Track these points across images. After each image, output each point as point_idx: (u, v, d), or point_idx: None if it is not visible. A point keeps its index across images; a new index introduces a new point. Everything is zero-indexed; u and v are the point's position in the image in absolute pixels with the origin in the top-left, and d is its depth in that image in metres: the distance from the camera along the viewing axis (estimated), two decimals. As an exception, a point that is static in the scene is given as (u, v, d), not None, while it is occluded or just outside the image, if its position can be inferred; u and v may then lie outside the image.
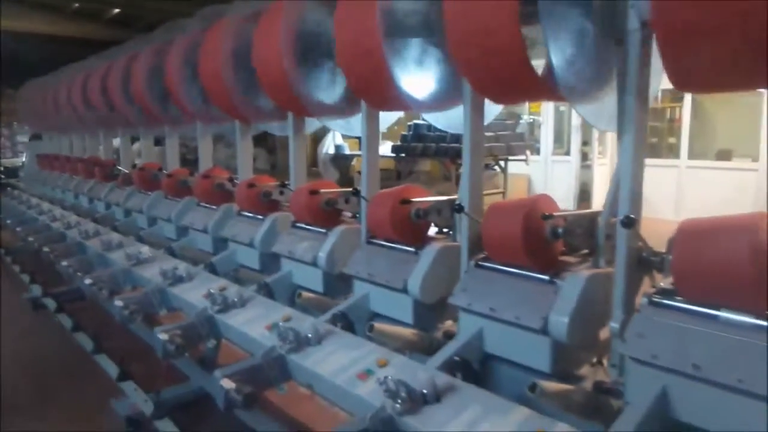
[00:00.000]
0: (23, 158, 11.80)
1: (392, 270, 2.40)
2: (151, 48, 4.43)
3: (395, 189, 2.55)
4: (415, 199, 2.45)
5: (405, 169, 10.60)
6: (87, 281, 3.23)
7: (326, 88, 2.85)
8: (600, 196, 9.09)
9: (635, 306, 1.69)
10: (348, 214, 3.07)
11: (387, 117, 2.94)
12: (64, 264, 3.76)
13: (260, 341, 2.15)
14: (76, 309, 4.03)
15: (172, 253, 3.70)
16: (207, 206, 3.88)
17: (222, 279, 2.98)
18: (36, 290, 4.52)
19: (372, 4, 2.18)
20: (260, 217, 3.33)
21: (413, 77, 2.25)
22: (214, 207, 3.77)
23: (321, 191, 2.91)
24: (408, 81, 2.25)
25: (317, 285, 2.85)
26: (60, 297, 4.08)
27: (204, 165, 4.27)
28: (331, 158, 13.17)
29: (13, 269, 5.44)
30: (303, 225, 3.03)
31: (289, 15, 2.75)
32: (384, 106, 2.72)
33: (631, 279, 1.73)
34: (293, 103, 2.98)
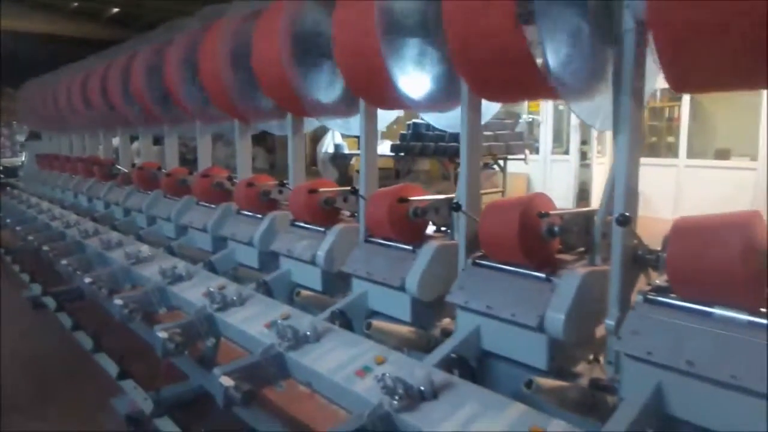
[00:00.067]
0: (23, 158, 11.79)
1: (390, 268, 2.41)
2: (151, 47, 4.45)
3: (393, 188, 2.56)
4: (413, 198, 2.47)
5: (404, 168, 10.61)
6: (86, 280, 3.24)
7: (325, 88, 2.86)
8: (599, 195, 9.10)
9: (630, 303, 1.70)
10: (346, 213, 3.09)
11: (385, 116, 2.96)
12: (64, 263, 3.77)
13: (259, 339, 2.17)
14: (76, 308, 4.04)
15: (172, 252, 3.71)
16: (206, 205, 3.89)
17: (221, 277, 3.00)
18: (36, 289, 4.53)
19: (370, 4, 2.19)
20: (259, 216, 3.34)
21: (411, 77, 2.27)
22: (213, 206, 3.79)
23: (319, 190, 2.93)
24: (406, 80, 2.26)
25: (316, 283, 2.87)
26: (60, 296, 4.09)
27: (203, 164, 4.28)
28: (331, 157, 13.17)
29: (13, 268, 5.44)
30: (302, 224, 3.05)
31: (288, 15, 2.76)
32: (382, 105, 2.73)
33: (627, 277, 1.75)
34: (292, 103, 3.00)
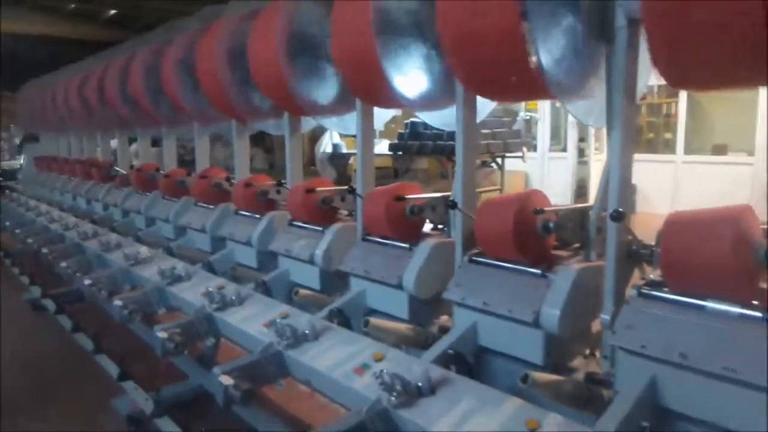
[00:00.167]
0: (21, 160, 11.79)
1: (388, 266, 2.43)
2: (149, 48, 4.45)
3: (390, 186, 2.58)
4: (410, 196, 2.48)
5: (402, 167, 10.64)
6: (86, 282, 3.25)
7: (321, 87, 2.88)
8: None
9: (625, 298, 1.72)
10: (344, 212, 3.10)
11: (382, 115, 2.97)
12: (63, 265, 3.79)
13: (258, 338, 2.18)
14: (76, 310, 4.05)
15: (171, 253, 3.72)
16: (204, 206, 3.91)
17: (220, 278, 3.01)
18: (35, 291, 4.54)
19: (367, 4, 2.21)
20: (257, 216, 3.36)
21: (407, 76, 2.28)
22: (212, 207, 3.80)
23: (317, 190, 2.94)
24: (402, 79, 2.27)
25: (314, 282, 2.88)
26: (59, 298, 4.10)
27: (201, 165, 4.29)
28: (329, 157, 13.18)
29: (13, 271, 5.45)
30: (300, 223, 3.06)
31: (285, 15, 2.77)
32: (379, 104, 2.75)
33: (621, 271, 1.76)
34: (289, 102, 3.01)
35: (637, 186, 8.25)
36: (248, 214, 3.45)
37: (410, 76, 2.29)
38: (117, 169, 5.64)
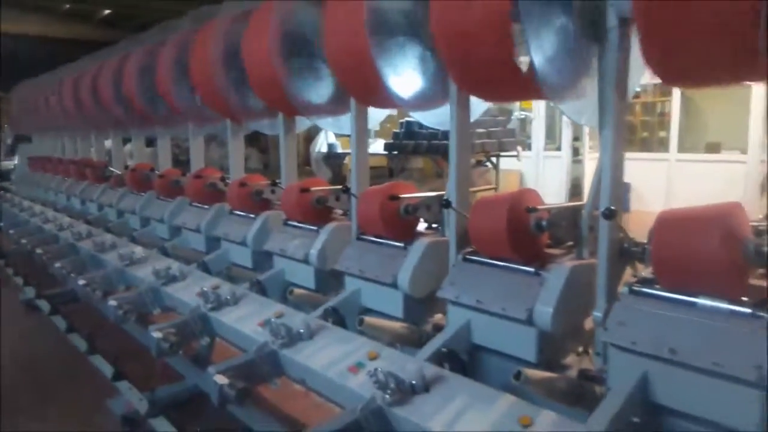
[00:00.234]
0: (15, 161, 11.73)
1: (382, 265, 2.43)
2: (143, 48, 4.45)
3: (384, 186, 2.59)
4: (404, 196, 2.49)
5: (397, 167, 10.65)
6: (80, 282, 3.25)
7: (315, 87, 2.88)
8: (591, 191, 9.15)
9: (618, 295, 1.73)
10: (339, 212, 3.11)
11: (377, 115, 2.98)
12: (58, 265, 3.78)
13: (253, 338, 2.19)
14: (70, 310, 4.04)
15: (165, 253, 3.72)
16: (199, 206, 3.90)
17: (215, 277, 3.01)
18: (30, 292, 4.53)
19: (360, 4, 2.21)
20: (252, 216, 3.36)
21: (401, 75, 2.29)
22: (207, 207, 3.80)
23: (311, 189, 2.95)
24: (396, 79, 2.28)
25: (309, 281, 2.89)
26: (54, 298, 4.10)
27: (196, 165, 4.29)
28: (324, 157, 13.17)
29: (7, 272, 5.44)
30: (294, 223, 3.06)
31: (279, 15, 2.77)
32: (373, 104, 2.75)
33: (614, 269, 1.78)
34: (283, 103, 3.01)
35: (632, 184, 8.30)
36: (243, 214, 3.45)
37: (404, 76, 2.30)
38: (111, 170, 5.63)
